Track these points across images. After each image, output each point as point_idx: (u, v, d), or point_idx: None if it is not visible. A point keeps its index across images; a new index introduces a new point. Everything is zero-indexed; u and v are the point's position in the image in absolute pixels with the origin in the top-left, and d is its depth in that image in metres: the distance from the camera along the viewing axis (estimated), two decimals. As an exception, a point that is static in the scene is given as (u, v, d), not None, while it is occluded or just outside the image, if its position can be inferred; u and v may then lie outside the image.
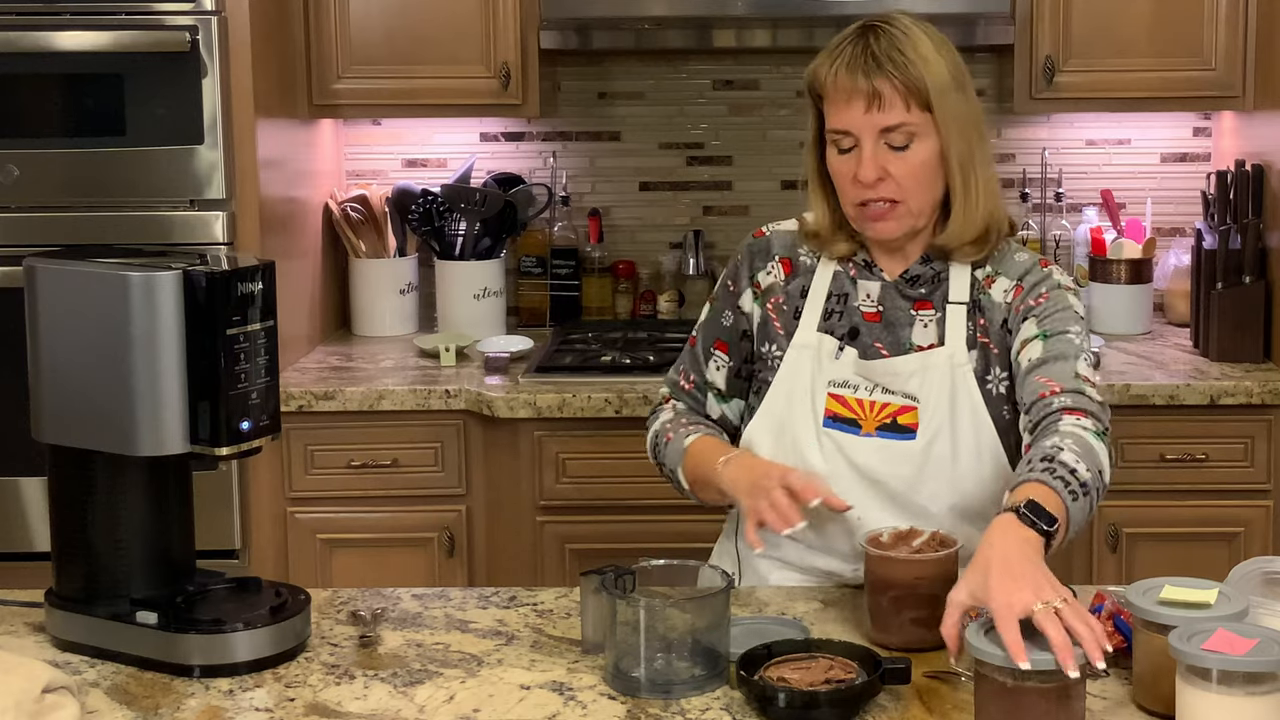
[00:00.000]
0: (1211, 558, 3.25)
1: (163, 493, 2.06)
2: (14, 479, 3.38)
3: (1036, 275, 2.24)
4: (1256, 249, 3.49)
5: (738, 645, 1.90)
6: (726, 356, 2.35)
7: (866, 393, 2.22)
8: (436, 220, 3.89)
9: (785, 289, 2.31)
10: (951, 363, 2.21)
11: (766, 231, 2.36)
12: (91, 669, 2.00)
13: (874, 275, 2.28)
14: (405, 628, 2.12)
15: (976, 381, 2.21)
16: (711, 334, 2.36)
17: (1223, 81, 3.60)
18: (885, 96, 2.14)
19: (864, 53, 2.16)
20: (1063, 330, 2.17)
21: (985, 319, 2.23)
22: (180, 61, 3.27)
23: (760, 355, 2.32)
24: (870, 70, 2.14)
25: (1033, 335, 2.18)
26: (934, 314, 2.25)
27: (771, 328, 2.31)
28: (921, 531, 2.08)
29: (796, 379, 2.26)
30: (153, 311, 1.94)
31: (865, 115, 2.15)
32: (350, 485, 3.43)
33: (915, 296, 2.26)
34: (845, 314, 2.28)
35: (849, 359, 2.24)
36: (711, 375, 2.36)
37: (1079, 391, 2.10)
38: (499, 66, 3.65)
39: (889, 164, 2.16)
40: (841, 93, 2.16)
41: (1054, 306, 2.20)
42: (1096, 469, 2.00)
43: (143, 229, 3.31)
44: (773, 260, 2.33)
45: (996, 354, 2.23)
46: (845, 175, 2.19)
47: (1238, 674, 1.64)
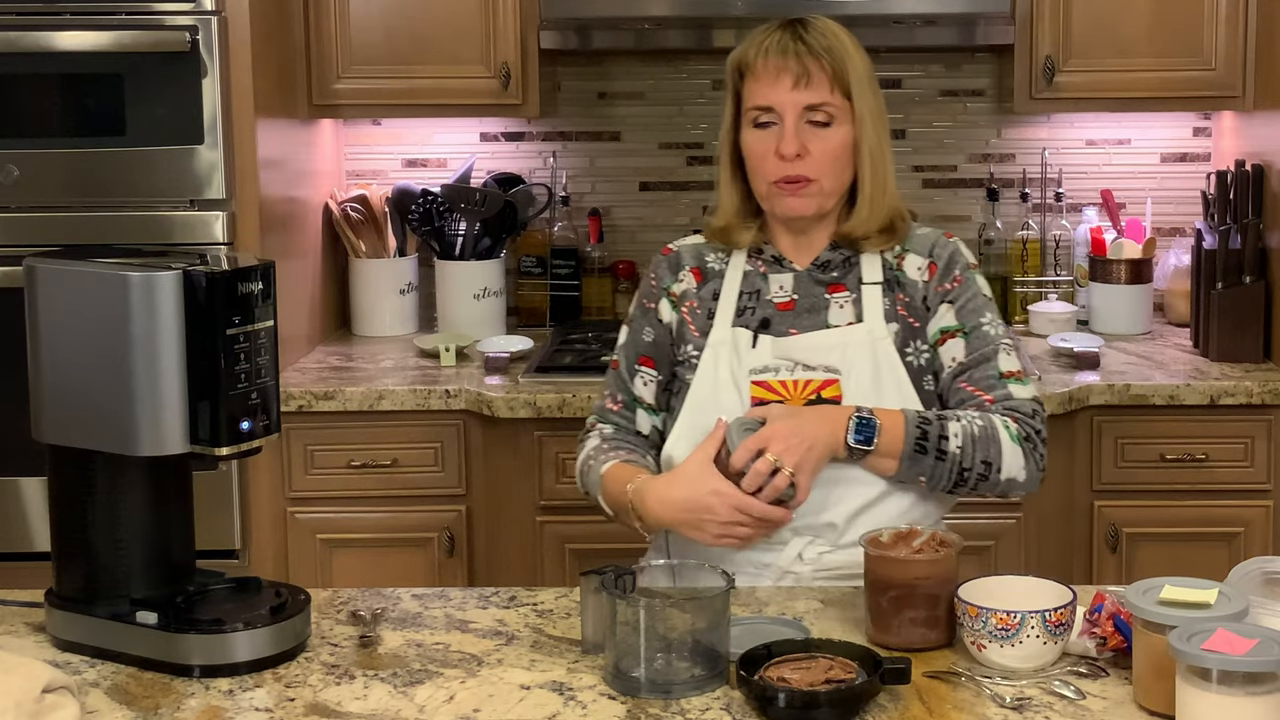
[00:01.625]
0: (1211, 558, 3.25)
1: (163, 493, 2.06)
2: (14, 479, 3.38)
3: (945, 249, 2.34)
4: (1256, 249, 3.49)
5: (738, 645, 1.90)
6: (654, 371, 2.39)
7: (788, 373, 2.28)
8: (436, 220, 3.89)
9: (698, 294, 2.37)
10: (871, 336, 2.28)
11: (674, 248, 2.44)
12: (91, 669, 2.00)
13: (785, 268, 2.35)
14: (405, 628, 2.12)
15: (898, 354, 2.28)
16: (634, 352, 2.41)
17: (1223, 81, 3.60)
18: (812, 76, 2.25)
19: (794, 37, 2.27)
20: (978, 323, 2.30)
21: (904, 294, 2.31)
22: (180, 61, 3.27)
23: (678, 358, 2.36)
24: (800, 51, 2.26)
25: (952, 327, 2.30)
26: (849, 295, 2.32)
27: (686, 329, 2.36)
28: (921, 531, 2.09)
29: (717, 374, 2.30)
30: (153, 311, 1.94)
31: (791, 92, 2.25)
32: (350, 485, 3.43)
33: (828, 281, 2.33)
34: (757, 308, 2.33)
35: (765, 345, 2.29)
36: (639, 391, 2.39)
37: (1008, 396, 2.26)
38: (499, 66, 3.65)
39: (809, 141, 2.26)
40: (770, 69, 2.25)
41: (967, 293, 2.31)
42: (983, 459, 2.20)
43: (143, 229, 3.31)
44: (683, 270, 2.40)
45: (918, 327, 2.30)
46: (763, 152, 2.27)
47: (1238, 674, 1.64)
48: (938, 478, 2.22)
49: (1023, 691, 1.87)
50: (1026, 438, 2.24)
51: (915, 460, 2.20)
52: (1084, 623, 1.96)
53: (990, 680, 1.90)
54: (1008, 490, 2.25)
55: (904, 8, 3.57)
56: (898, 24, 3.58)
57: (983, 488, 2.24)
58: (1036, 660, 1.92)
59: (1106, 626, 1.92)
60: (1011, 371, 2.28)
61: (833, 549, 2.26)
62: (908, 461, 2.20)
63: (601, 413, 2.43)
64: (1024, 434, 2.24)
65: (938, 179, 4.04)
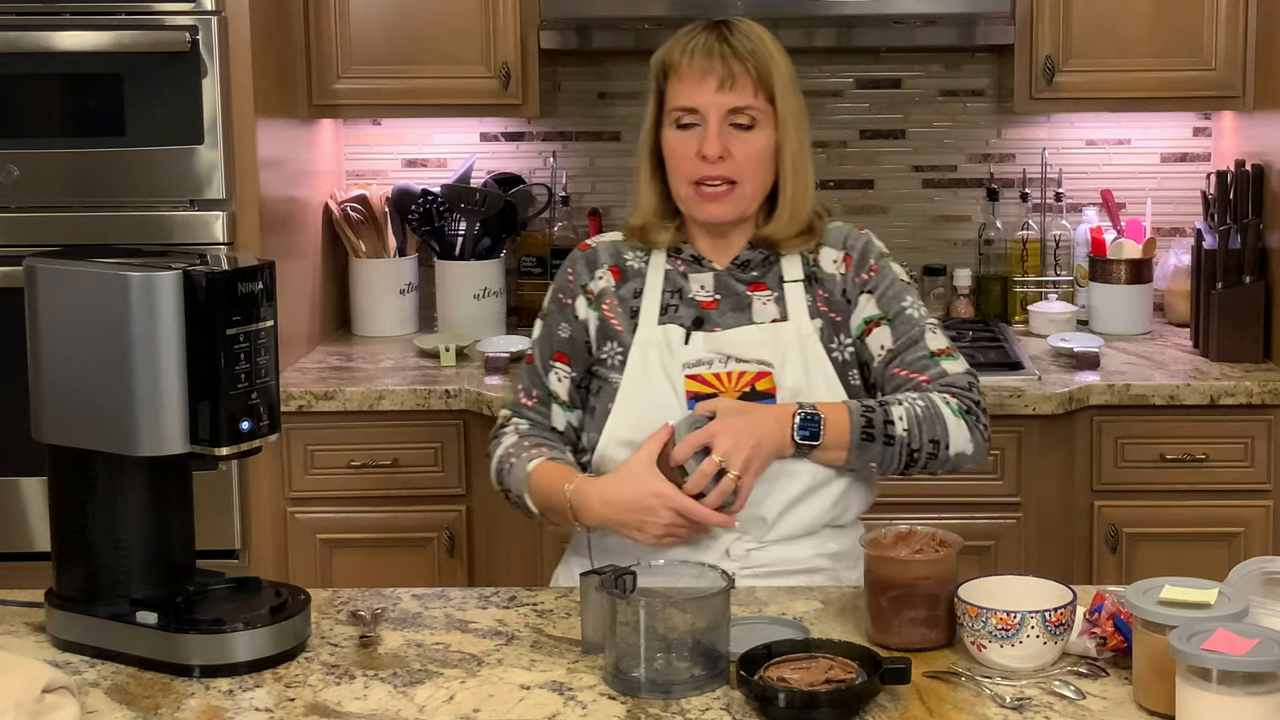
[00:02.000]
0: (1211, 558, 3.25)
1: (163, 493, 2.06)
2: (14, 479, 3.38)
3: (858, 240, 2.35)
4: (1256, 249, 3.49)
5: (738, 645, 1.90)
6: (568, 367, 2.37)
7: (721, 365, 2.28)
8: (436, 220, 3.89)
9: (617, 293, 2.36)
10: (799, 334, 2.29)
11: (592, 244, 2.42)
12: (91, 669, 2.00)
13: (704, 267, 2.34)
14: (405, 628, 2.12)
15: (824, 350, 2.29)
16: (549, 348, 2.39)
17: (1223, 81, 3.60)
18: (737, 78, 2.25)
19: (720, 39, 2.26)
20: (900, 308, 2.32)
21: (823, 290, 2.32)
22: (180, 61, 3.27)
23: (600, 358, 2.34)
24: (725, 54, 2.25)
25: (876, 316, 2.31)
26: (771, 293, 2.32)
27: (610, 326, 2.34)
28: (921, 531, 2.09)
29: (648, 370, 2.29)
30: (153, 311, 1.94)
31: (716, 94, 2.24)
32: (350, 485, 3.43)
33: (749, 280, 2.33)
34: (684, 306, 2.33)
35: (698, 340, 2.29)
36: (554, 387, 2.38)
37: (943, 374, 2.29)
38: (499, 66, 3.65)
39: (732, 144, 2.25)
40: (696, 70, 2.25)
41: (885, 280, 2.33)
42: (930, 438, 2.22)
43: (143, 229, 3.31)
44: (601, 268, 2.38)
45: (839, 321, 2.32)
46: (685, 153, 2.26)
47: (1238, 674, 1.64)
48: (888, 462, 2.23)
49: (1023, 691, 1.87)
50: (968, 410, 2.26)
51: (864, 448, 2.21)
52: (1084, 623, 1.96)
53: (990, 680, 1.90)
54: (958, 465, 2.26)
55: (904, 8, 3.57)
56: (898, 24, 3.58)
57: (933, 466, 2.25)
58: (1036, 660, 1.92)
59: (1106, 626, 1.92)
60: (941, 349, 2.31)
61: (760, 546, 2.26)
62: (856, 450, 2.21)
63: (516, 407, 2.41)
64: (965, 407, 2.26)
65: (938, 179, 4.04)
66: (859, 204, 4.05)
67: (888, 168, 4.05)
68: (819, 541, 2.30)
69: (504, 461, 2.34)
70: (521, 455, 2.32)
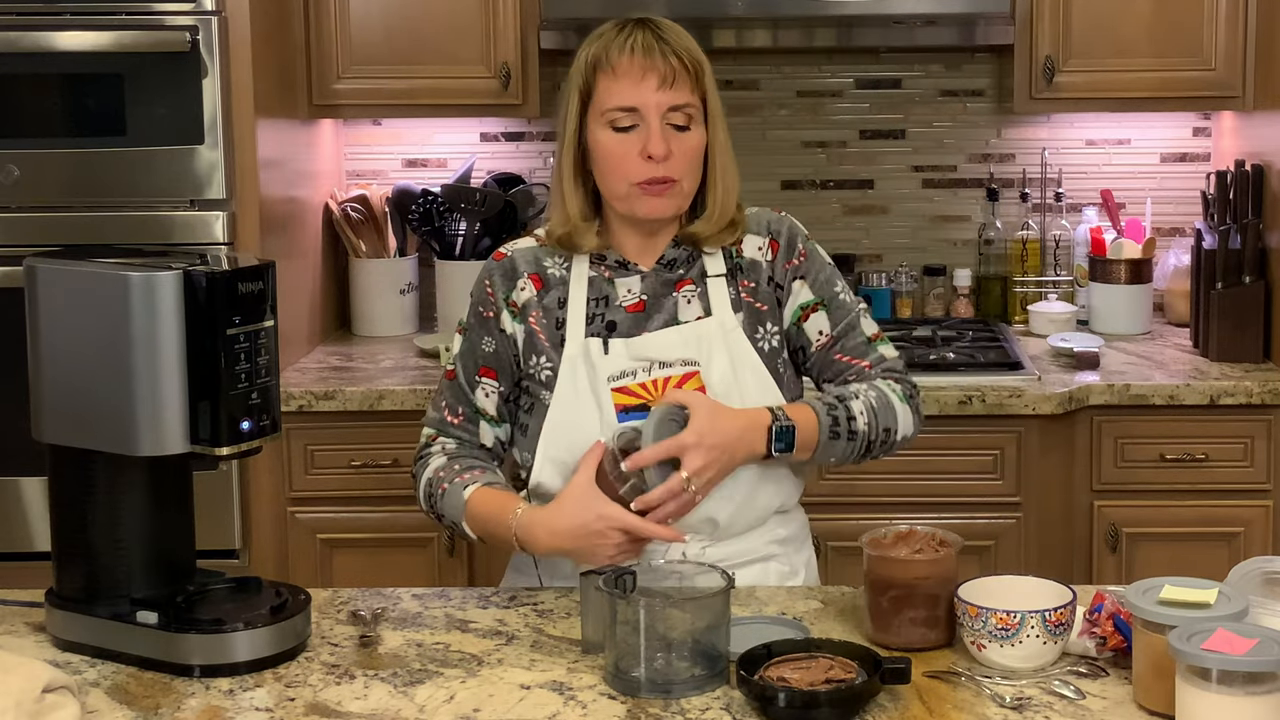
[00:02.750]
0: (1211, 558, 3.25)
1: (163, 493, 2.06)
2: (14, 479, 3.38)
3: (781, 225, 2.35)
4: (1256, 249, 3.49)
5: (738, 645, 1.90)
6: (496, 382, 2.30)
7: (646, 374, 2.25)
8: (436, 220, 3.90)
9: (541, 303, 2.29)
10: (723, 329, 2.27)
11: (507, 252, 2.34)
12: (92, 669, 2.00)
13: (630, 270, 2.31)
14: (405, 627, 2.12)
15: (748, 341, 2.28)
16: (473, 362, 2.31)
17: (1223, 81, 3.60)
18: (677, 75, 2.22)
19: (654, 34, 2.23)
20: (834, 293, 2.32)
21: (747, 279, 2.31)
22: (180, 61, 3.27)
23: (529, 372, 2.29)
24: (665, 50, 2.22)
25: (811, 301, 2.31)
26: (695, 289, 2.30)
27: (537, 340, 2.28)
28: (921, 531, 2.09)
29: (576, 387, 2.24)
30: (153, 311, 1.94)
31: (657, 92, 2.21)
32: (350, 485, 3.43)
33: (675, 278, 2.31)
34: (605, 314, 2.29)
35: (618, 349, 2.26)
36: (481, 403, 2.31)
37: (881, 360, 2.31)
38: (499, 66, 3.65)
39: (670, 142, 2.22)
40: (636, 69, 2.21)
41: (815, 265, 2.33)
42: (884, 426, 2.24)
43: (143, 229, 3.31)
44: (521, 278, 2.30)
45: (765, 310, 2.30)
46: (626, 155, 2.21)
47: (1238, 674, 1.64)
48: (847, 455, 2.25)
49: (1023, 691, 1.87)
50: (910, 395, 2.29)
51: (830, 446, 2.22)
52: (1084, 623, 1.96)
53: (990, 680, 1.90)
54: (897, 448, 2.29)
55: (904, 8, 3.57)
56: (898, 24, 3.58)
57: (879, 451, 2.28)
58: (1036, 660, 1.92)
59: (1106, 626, 1.93)
60: (875, 334, 2.33)
61: (713, 543, 2.26)
62: (823, 449, 2.22)
63: (440, 425, 2.32)
64: (908, 393, 2.29)
65: (938, 179, 4.04)
66: (859, 204, 4.05)
67: (888, 168, 4.05)
68: (768, 530, 2.30)
69: (434, 486, 2.26)
70: (454, 480, 2.24)
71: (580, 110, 2.25)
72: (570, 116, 2.26)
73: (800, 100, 4.02)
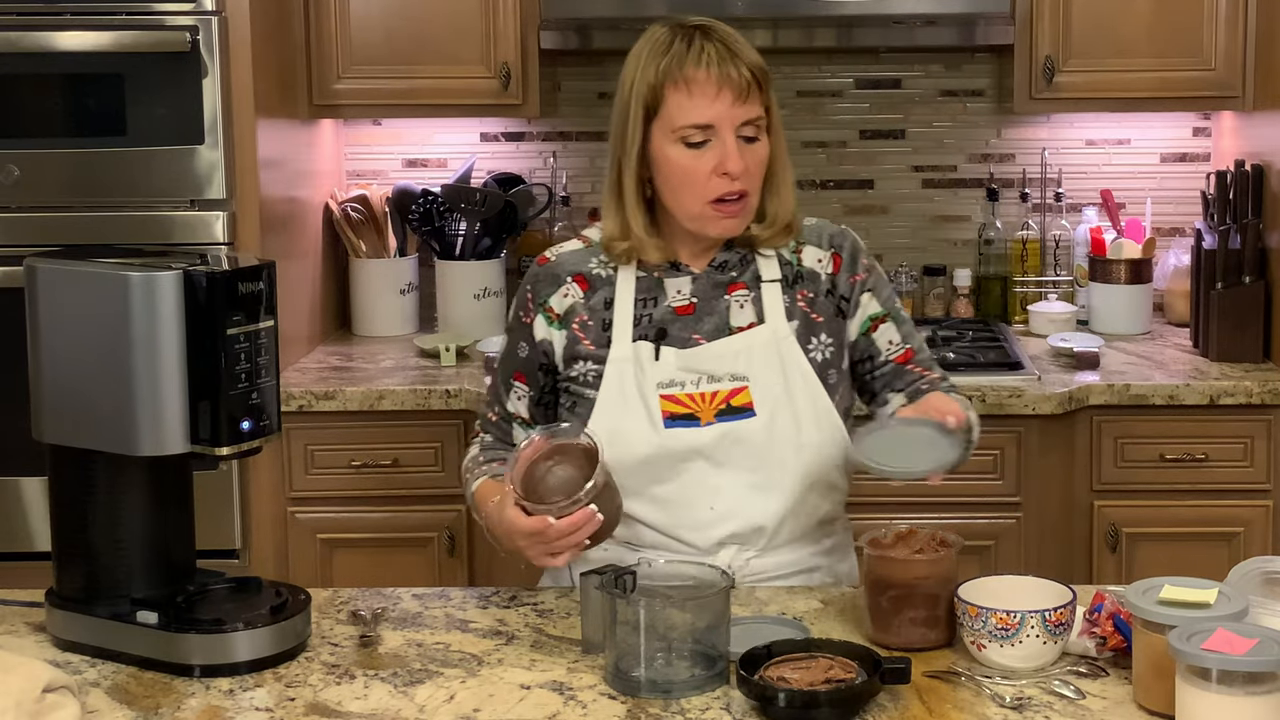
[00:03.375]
0: (1211, 558, 3.25)
1: (163, 493, 2.06)
2: (14, 479, 3.38)
3: (844, 239, 2.33)
4: (1256, 249, 3.49)
5: (738, 645, 1.90)
6: (526, 387, 2.31)
7: (695, 386, 2.23)
8: (437, 220, 3.90)
9: (587, 305, 2.27)
10: (775, 337, 2.24)
11: (551, 257, 2.32)
12: (92, 669, 2.00)
13: (681, 271, 2.28)
14: (405, 627, 2.12)
15: (801, 351, 2.25)
16: (510, 366, 2.32)
17: (1223, 81, 3.60)
18: (750, 88, 2.18)
19: (724, 47, 2.18)
20: (896, 307, 2.33)
21: (806, 289, 2.28)
22: (180, 61, 3.27)
23: (572, 376, 2.27)
24: (737, 62, 2.17)
25: (880, 314, 2.31)
26: (749, 293, 2.27)
27: (582, 346, 2.26)
28: (921, 531, 2.09)
29: (624, 390, 2.23)
30: (153, 311, 1.94)
31: (733, 107, 2.16)
32: (350, 485, 3.43)
33: (727, 281, 2.28)
34: (654, 316, 2.26)
35: (669, 357, 2.23)
36: (513, 406, 2.32)
37: (944, 376, 2.33)
38: (499, 66, 3.65)
39: (744, 156, 2.18)
40: (713, 85, 2.16)
41: (879, 278, 2.34)
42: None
43: (143, 229, 3.31)
44: (564, 283, 2.29)
45: (820, 321, 2.27)
46: (699, 171, 2.17)
47: (1238, 674, 1.64)
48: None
49: (1023, 691, 1.87)
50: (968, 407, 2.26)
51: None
52: (1084, 623, 1.96)
53: (990, 680, 1.90)
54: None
55: (904, 8, 3.57)
56: (898, 24, 3.59)
57: None
58: (1036, 660, 1.92)
59: (1106, 626, 1.93)
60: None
61: (760, 554, 2.24)
62: None
63: (484, 422, 2.36)
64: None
65: (938, 179, 4.04)
66: (859, 204, 4.05)
67: (888, 168, 4.05)
68: (813, 539, 2.29)
69: (465, 474, 2.34)
70: (474, 471, 2.30)
71: (644, 124, 2.20)
72: (632, 132, 2.20)
73: (800, 100, 4.02)
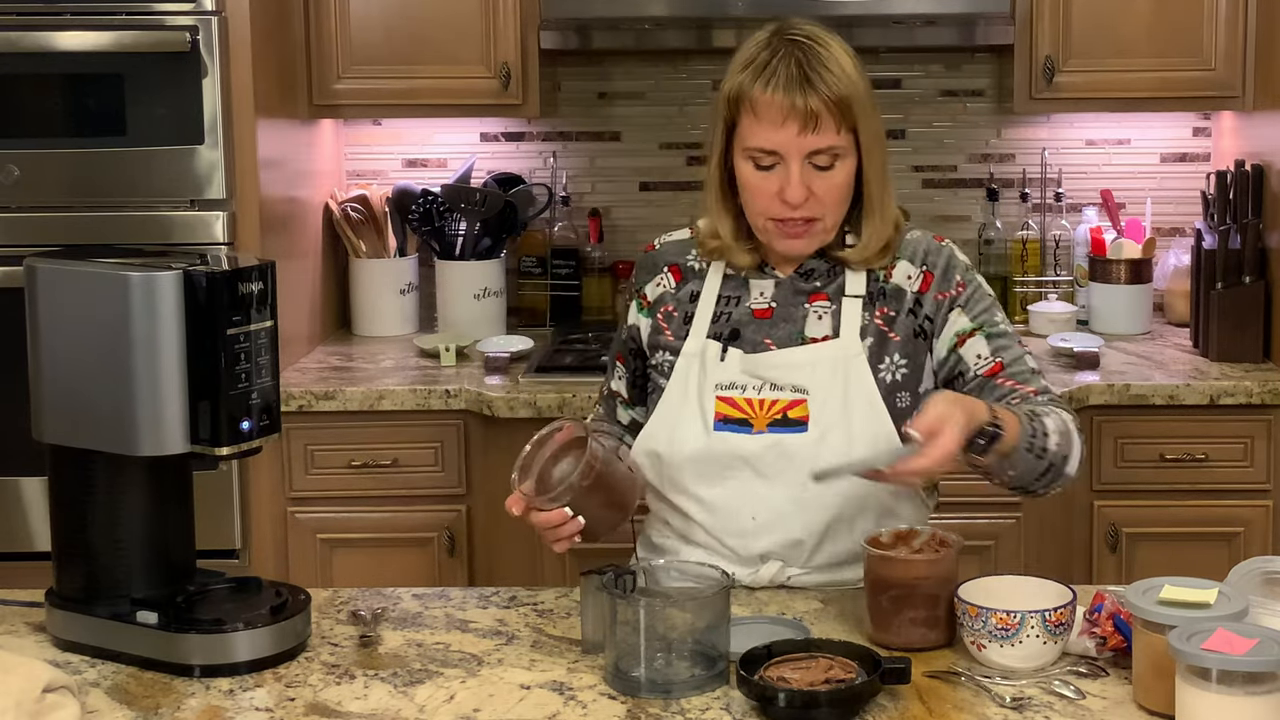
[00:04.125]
0: (1211, 558, 3.25)
1: (163, 493, 2.06)
2: (14, 479, 3.38)
3: (940, 256, 2.26)
4: (1256, 249, 3.49)
5: (738, 645, 1.90)
6: (624, 368, 2.37)
7: (755, 392, 2.21)
8: (436, 220, 3.90)
9: (675, 295, 2.31)
10: (845, 354, 2.20)
11: (657, 245, 2.37)
12: (92, 669, 2.00)
13: (767, 274, 2.28)
14: (405, 627, 2.12)
15: (870, 370, 2.20)
16: (615, 348, 2.40)
17: (1223, 81, 3.60)
18: (820, 118, 2.12)
19: (798, 70, 2.12)
20: (994, 322, 2.24)
21: (888, 307, 2.23)
22: (180, 61, 3.27)
23: (654, 365, 2.31)
24: (806, 90, 2.11)
25: (968, 329, 2.23)
26: (829, 305, 2.24)
27: (663, 336, 2.30)
28: (921, 531, 2.09)
29: (687, 386, 2.24)
30: (153, 311, 1.94)
31: (799, 137, 2.12)
32: (350, 485, 3.43)
33: (810, 290, 2.26)
34: (733, 315, 2.26)
35: (734, 360, 2.23)
36: (616, 385, 2.39)
37: (1046, 390, 2.22)
38: (499, 67, 3.65)
39: (813, 183, 2.15)
40: (777, 112, 2.12)
41: (975, 294, 2.25)
42: (1063, 454, 2.13)
43: (143, 229, 3.31)
44: (661, 272, 2.33)
45: (897, 341, 2.23)
46: (764, 191, 2.17)
47: (1238, 674, 1.64)
48: (1027, 475, 2.11)
49: (1023, 691, 1.87)
50: (1081, 429, 2.18)
51: (1021, 458, 2.08)
52: (1084, 623, 1.96)
53: (990, 680, 1.90)
54: (1060, 486, 2.16)
55: (904, 8, 3.57)
56: (898, 24, 3.59)
57: (1046, 482, 2.14)
58: (1036, 660, 1.92)
59: (1106, 626, 1.93)
60: (1037, 369, 2.24)
61: (804, 570, 2.22)
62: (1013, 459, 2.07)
63: (600, 395, 2.45)
64: (1079, 425, 2.18)
65: (938, 179, 4.04)
66: (859, 204, 4.04)
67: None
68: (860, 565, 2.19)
69: None
70: None
71: (725, 135, 2.20)
72: (717, 141, 2.22)
73: (800, 100, 4.01)
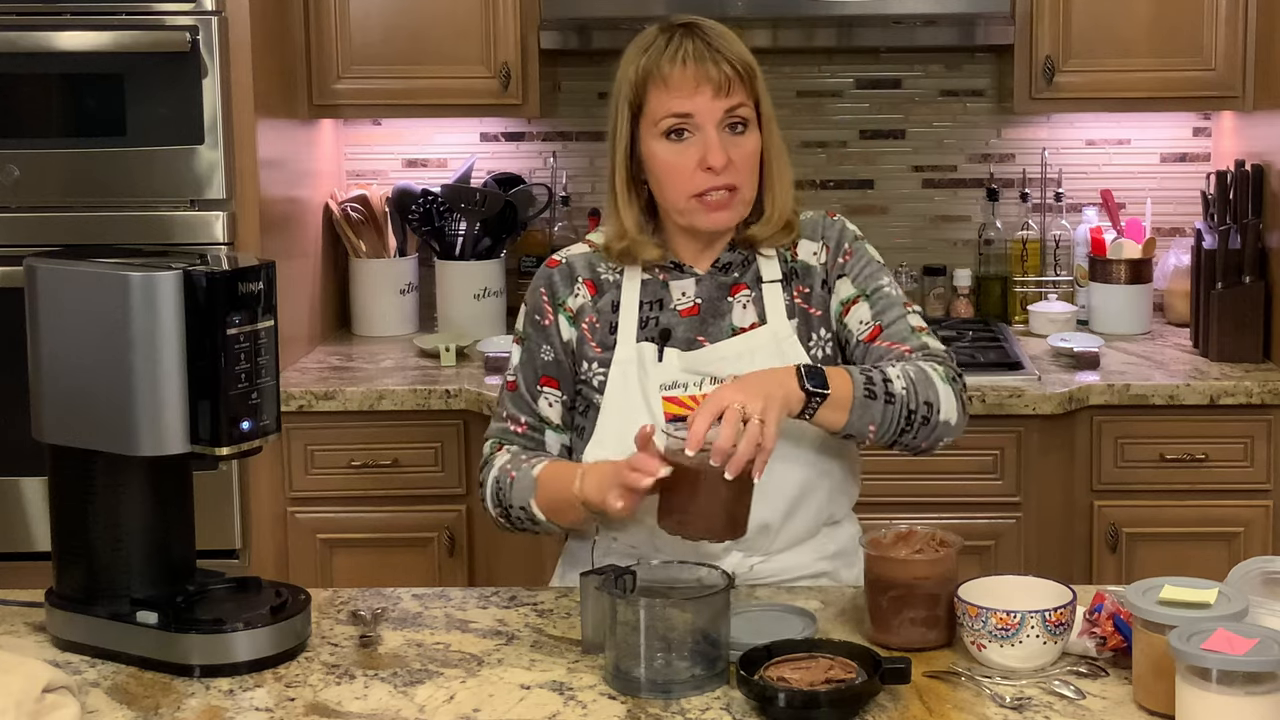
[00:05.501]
0: (1211, 558, 3.26)
1: (163, 493, 2.06)
2: (14, 479, 3.38)
3: (833, 230, 2.31)
4: (1256, 249, 3.49)
5: (744, 634, 1.91)
6: (558, 391, 2.29)
7: (697, 388, 2.22)
8: (436, 220, 3.90)
9: (595, 307, 2.28)
10: (777, 336, 2.24)
11: (561, 259, 2.33)
12: (92, 669, 2.00)
13: (685, 273, 2.28)
14: (405, 627, 2.12)
15: (802, 349, 2.24)
16: (534, 372, 2.30)
17: (1223, 81, 3.60)
18: (732, 83, 2.18)
19: (703, 44, 2.19)
20: (878, 285, 2.27)
21: (802, 284, 2.28)
22: (180, 61, 3.28)
23: (582, 378, 2.28)
24: (717, 58, 2.18)
25: (853, 295, 2.27)
26: (750, 294, 2.27)
27: (588, 347, 2.27)
28: (921, 531, 2.09)
29: (627, 392, 2.23)
30: (153, 311, 1.94)
31: (713, 100, 2.17)
32: (350, 485, 3.43)
33: (730, 282, 2.28)
34: (660, 318, 2.26)
35: (672, 359, 2.24)
36: (545, 412, 2.30)
37: (925, 347, 2.24)
38: (499, 66, 3.65)
39: (730, 150, 2.18)
40: (690, 80, 2.17)
41: (860, 262, 2.29)
42: (925, 400, 2.15)
43: (143, 229, 3.31)
44: (577, 282, 2.30)
45: (819, 316, 2.27)
46: (683, 167, 2.18)
47: (1238, 674, 1.64)
48: (888, 422, 2.13)
49: (1023, 691, 1.87)
50: (954, 379, 2.20)
51: (866, 406, 2.10)
52: (1084, 623, 1.96)
53: (990, 680, 1.90)
54: (943, 434, 2.18)
55: (904, 8, 3.57)
56: (898, 24, 3.59)
57: (924, 433, 2.16)
58: (1036, 660, 1.92)
59: (1106, 626, 1.93)
60: (921, 327, 2.26)
61: (766, 558, 2.23)
62: (859, 409, 2.10)
63: (504, 435, 2.30)
64: (951, 375, 2.20)
65: (938, 179, 4.04)
66: (859, 204, 4.05)
67: (888, 168, 4.05)
68: (819, 544, 2.28)
69: (503, 477, 2.24)
70: (522, 466, 2.23)
71: (631, 122, 2.22)
72: (621, 130, 2.23)
73: (800, 100, 4.02)
